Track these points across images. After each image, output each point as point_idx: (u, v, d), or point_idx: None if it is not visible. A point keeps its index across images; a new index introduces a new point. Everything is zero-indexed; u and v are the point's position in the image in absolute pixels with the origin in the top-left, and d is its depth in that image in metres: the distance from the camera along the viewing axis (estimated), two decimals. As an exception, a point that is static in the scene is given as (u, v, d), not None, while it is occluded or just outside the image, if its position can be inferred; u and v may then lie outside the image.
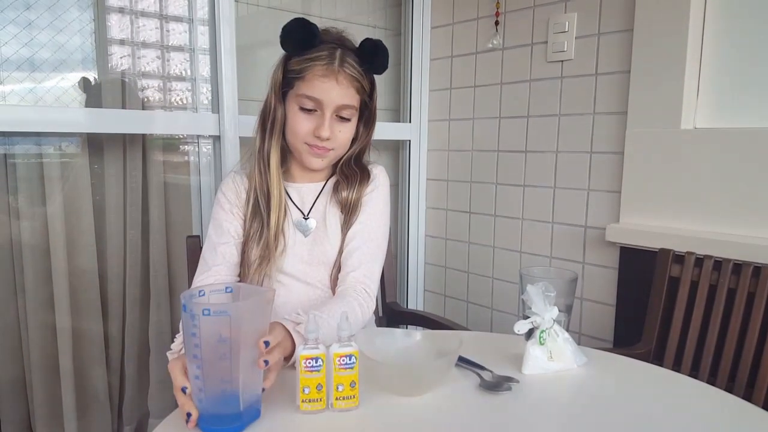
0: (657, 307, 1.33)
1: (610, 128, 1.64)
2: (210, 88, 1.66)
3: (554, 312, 0.86)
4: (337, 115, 1.03)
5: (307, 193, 1.13)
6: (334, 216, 1.10)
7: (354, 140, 1.11)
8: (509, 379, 0.83)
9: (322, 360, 0.73)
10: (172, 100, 1.69)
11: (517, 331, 0.86)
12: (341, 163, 1.13)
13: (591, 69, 1.67)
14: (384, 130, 2.06)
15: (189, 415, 0.68)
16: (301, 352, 0.73)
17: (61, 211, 1.48)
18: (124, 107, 1.56)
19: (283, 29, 1.02)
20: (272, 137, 1.08)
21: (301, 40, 1.01)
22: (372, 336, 0.82)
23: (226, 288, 0.73)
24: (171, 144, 1.70)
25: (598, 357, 0.94)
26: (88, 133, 1.50)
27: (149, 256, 1.66)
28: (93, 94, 1.55)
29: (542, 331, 0.85)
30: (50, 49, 1.50)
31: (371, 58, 1.05)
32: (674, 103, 1.49)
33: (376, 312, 1.21)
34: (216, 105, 1.62)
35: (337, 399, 0.74)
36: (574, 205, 1.73)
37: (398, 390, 0.78)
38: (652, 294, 1.35)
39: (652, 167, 1.54)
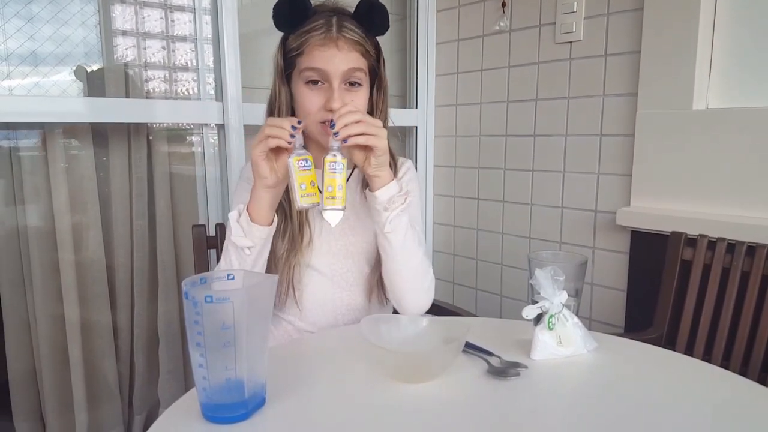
0: (669, 290, 1.30)
1: (620, 110, 1.61)
2: (214, 77, 1.64)
3: (563, 296, 0.85)
4: (346, 83, 0.99)
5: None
6: (365, 205, 1.06)
7: (370, 114, 1.07)
8: (518, 365, 0.81)
9: (310, 161, 0.88)
10: (177, 90, 1.68)
11: (525, 316, 0.85)
12: None
13: (600, 50, 1.63)
14: (393, 117, 2.04)
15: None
16: (294, 155, 0.87)
17: (67, 202, 1.48)
18: (127, 97, 1.55)
19: (273, 8, 0.99)
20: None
21: (292, 12, 0.98)
22: (377, 323, 0.81)
23: (228, 275, 0.72)
24: (176, 134, 1.69)
25: (608, 342, 0.92)
26: (92, 124, 1.49)
27: (156, 247, 1.66)
28: (95, 85, 1.54)
29: (551, 316, 0.84)
30: (55, 42, 1.49)
31: (369, 18, 1.01)
32: (686, 84, 1.46)
33: (383, 301, 1.20)
34: (220, 94, 1.61)
35: (326, 198, 0.87)
36: (584, 190, 1.70)
37: (404, 377, 0.77)
38: (664, 278, 1.33)
39: (663, 149, 1.51)
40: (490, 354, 0.85)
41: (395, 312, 1.23)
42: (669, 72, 1.48)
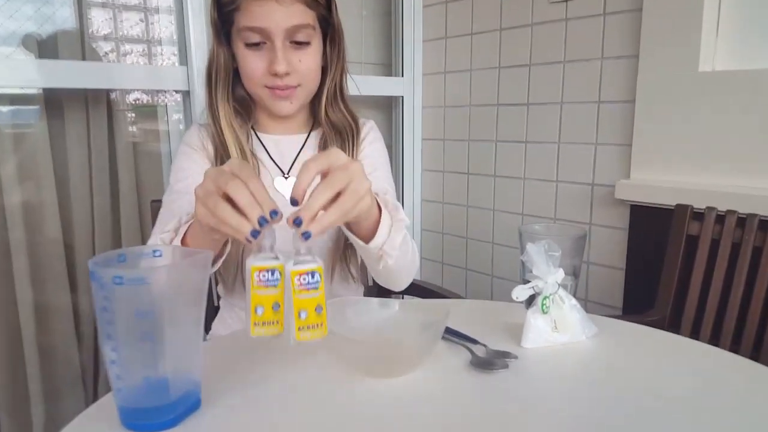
0: (673, 268, 1.19)
1: (619, 74, 1.48)
2: (177, 38, 1.50)
3: (559, 275, 0.73)
4: (291, 42, 0.87)
5: (287, 146, 0.98)
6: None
7: (325, 70, 0.95)
8: (506, 355, 0.69)
9: (279, 273, 0.58)
10: (138, 52, 1.54)
11: (515, 298, 0.73)
12: (323, 106, 0.97)
13: (598, 8, 1.50)
14: (374, 85, 1.91)
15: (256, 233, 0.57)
16: (253, 262, 0.58)
17: (16, 177, 1.36)
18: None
19: None
20: (218, 87, 0.92)
21: None
22: (342, 306, 0.69)
23: (155, 251, 0.60)
24: (138, 103, 1.56)
25: (609, 326, 0.80)
26: (45, 91, 1.37)
27: (120, 224, 1.54)
28: (47, 55, 1.41)
29: (545, 298, 0.72)
30: (4, 13, 1.35)
31: None
32: (692, 44, 1.33)
33: (365, 281, 1.07)
34: (184, 56, 1.46)
35: (300, 329, 0.58)
36: (581, 162, 1.58)
37: (373, 371, 0.65)
38: (668, 254, 1.21)
39: (666, 116, 1.39)
40: (474, 342, 0.73)
41: (370, 284, 1.11)
42: (673, 31, 1.36)
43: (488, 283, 1.89)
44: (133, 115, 1.55)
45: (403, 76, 1.96)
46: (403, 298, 1.84)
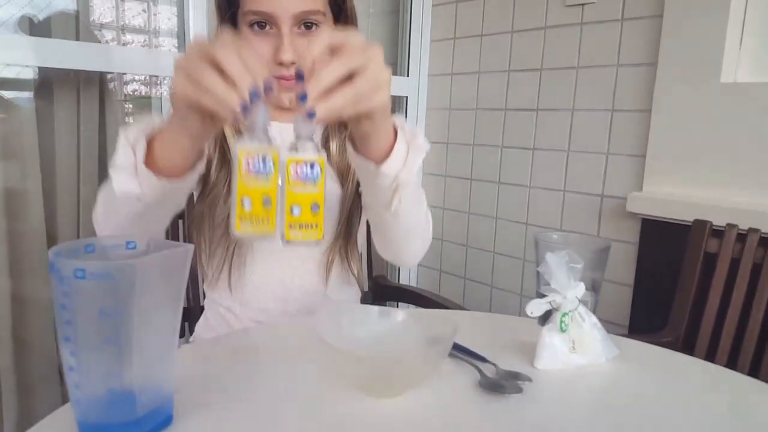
0: (689, 287, 1.12)
1: (636, 82, 1.42)
2: (177, 23, 1.43)
3: (580, 289, 0.66)
4: (299, 28, 0.80)
5: (290, 136, 0.91)
6: (331, 166, 0.87)
7: None
8: (518, 376, 0.62)
9: (273, 162, 0.50)
10: (135, 39, 1.47)
11: (529, 313, 0.66)
12: None
13: (616, 13, 1.44)
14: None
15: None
16: (242, 145, 0.50)
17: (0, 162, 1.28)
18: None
19: None
20: None
21: None
22: (337, 315, 0.62)
23: (128, 243, 0.52)
24: (132, 87, 1.48)
25: (630, 348, 0.73)
26: (34, 72, 1.31)
27: (108, 216, 1.46)
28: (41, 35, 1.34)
29: (564, 314, 0.65)
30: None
31: None
32: (713, 53, 1.27)
33: (360, 286, 1.00)
34: (182, 40, 1.40)
35: (291, 226, 0.51)
36: (591, 172, 1.52)
37: (371, 389, 0.58)
38: (684, 272, 1.14)
39: (684, 127, 1.32)
40: (482, 360, 0.65)
41: (365, 290, 1.04)
42: (694, 39, 1.29)
43: (487, 294, 1.82)
44: (131, 106, 1.48)
45: (408, 76, 1.90)
46: (397, 306, 1.78)
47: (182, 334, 1.15)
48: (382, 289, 1.34)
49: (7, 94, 1.34)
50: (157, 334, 0.49)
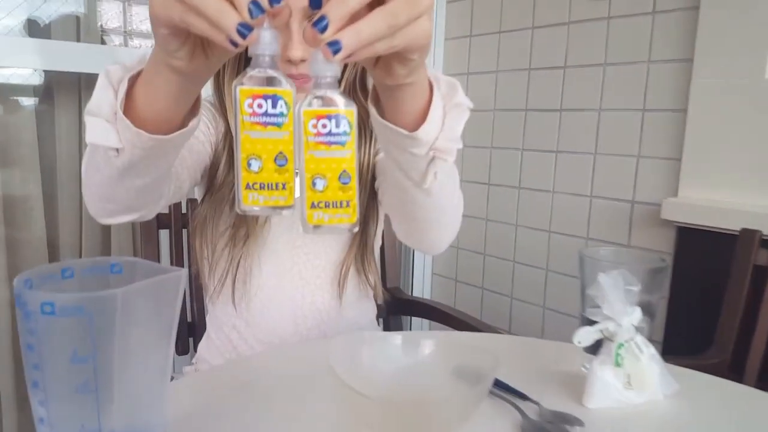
0: (737, 304, 1.03)
1: (669, 80, 1.32)
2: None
3: (636, 316, 0.57)
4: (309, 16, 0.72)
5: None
6: None
7: None
8: (566, 418, 0.53)
9: (286, 105, 0.37)
10: (135, 32, 1.41)
11: (577, 343, 0.57)
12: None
13: (647, 6, 1.35)
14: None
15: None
16: (244, 83, 0.38)
17: None
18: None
19: None
20: (226, 67, 0.78)
21: None
22: (354, 345, 0.53)
23: (113, 265, 0.44)
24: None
25: (688, 380, 0.64)
26: (36, 76, 1.26)
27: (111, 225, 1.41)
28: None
29: (620, 346, 0.56)
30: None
31: None
32: (757, 46, 1.18)
33: (376, 299, 0.92)
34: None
35: (313, 206, 0.38)
36: (620, 176, 1.42)
37: (395, 433, 0.49)
38: (731, 287, 1.05)
39: (724, 127, 1.23)
40: (523, 398, 0.57)
41: (380, 303, 0.95)
42: (735, 32, 1.20)
43: (507, 305, 1.73)
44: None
45: (422, 75, 1.81)
46: (410, 319, 1.69)
47: (186, 351, 1.08)
48: (397, 302, 1.25)
49: (8, 98, 1.29)
50: (143, 377, 0.41)
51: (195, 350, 0.96)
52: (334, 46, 0.37)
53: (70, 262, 0.43)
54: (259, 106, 0.37)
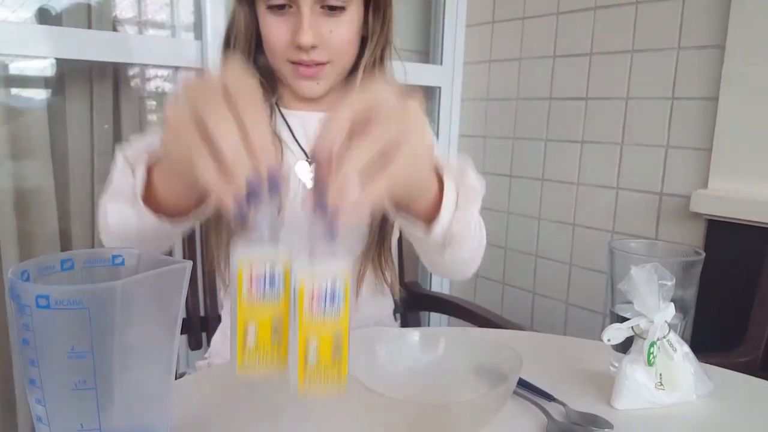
0: (771, 300, 0.98)
1: (700, 67, 1.27)
2: (194, 8, 1.34)
3: (669, 312, 0.53)
4: (322, 7, 0.70)
5: (314, 125, 0.81)
6: None
7: (364, 41, 0.77)
8: (595, 420, 0.50)
9: (284, 275, 0.38)
10: (148, 25, 1.40)
11: (606, 341, 0.54)
12: (359, 83, 0.78)
13: (678, -10, 1.30)
14: (408, 74, 1.72)
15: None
16: (243, 253, 0.37)
17: (8, 161, 1.24)
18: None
19: None
20: (236, 54, 0.76)
21: None
22: (370, 343, 0.51)
23: (115, 256, 0.42)
24: (148, 80, 1.41)
25: (724, 379, 0.60)
26: (47, 65, 1.25)
27: (124, 216, 1.40)
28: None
29: (652, 344, 0.52)
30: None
31: None
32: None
33: (393, 295, 0.90)
34: (199, 29, 1.31)
35: (304, 375, 0.38)
36: (647, 167, 1.38)
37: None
38: (763, 283, 1.00)
39: (756, 116, 1.18)
40: (548, 398, 0.54)
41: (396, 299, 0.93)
42: (770, 16, 1.15)
43: (529, 301, 1.69)
44: (144, 94, 1.41)
45: (442, 64, 1.77)
46: (429, 314, 1.66)
47: (200, 346, 1.06)
48: (415, 297, 1.22)
49: (18, 87, 1.28)
50: (146, 374, 0.39)
51: (209, 345, 0.95)
52: (333, 232, 0.37)
53: (70, 252, 0.41)
54: (259, 278, 0.37)
